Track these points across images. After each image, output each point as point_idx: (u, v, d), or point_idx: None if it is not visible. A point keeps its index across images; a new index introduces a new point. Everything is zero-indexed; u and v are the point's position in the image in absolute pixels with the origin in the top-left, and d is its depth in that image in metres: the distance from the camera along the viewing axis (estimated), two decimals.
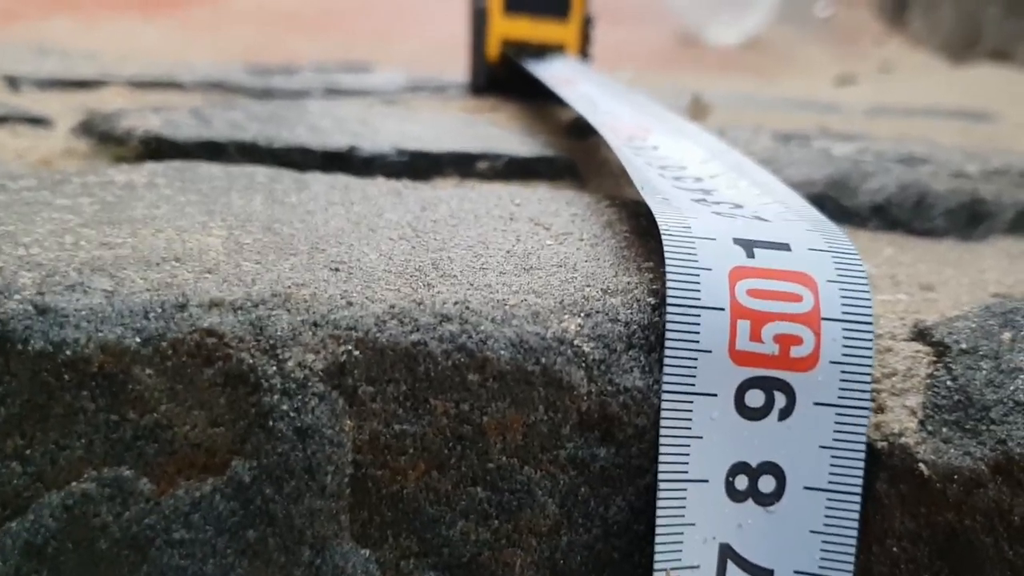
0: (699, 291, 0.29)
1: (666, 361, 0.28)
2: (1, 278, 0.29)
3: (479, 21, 0.76)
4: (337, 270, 0.31)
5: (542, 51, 0.75)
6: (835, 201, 0.51)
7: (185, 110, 0.61)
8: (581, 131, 0.61)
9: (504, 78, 0.76)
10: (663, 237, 0.30)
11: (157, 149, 0.52)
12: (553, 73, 0.67)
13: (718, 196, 0.36)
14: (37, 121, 0.60)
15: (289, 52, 1.15)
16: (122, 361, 0.28)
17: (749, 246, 0.30)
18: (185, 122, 0.56)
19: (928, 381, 0.31)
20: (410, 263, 0.32)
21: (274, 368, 0.28)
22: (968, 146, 0.67)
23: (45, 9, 1.53)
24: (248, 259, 0.31)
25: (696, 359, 0.28)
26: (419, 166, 0.52)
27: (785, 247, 0.30)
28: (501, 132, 0.60)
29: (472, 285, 0.31)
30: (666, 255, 0.29)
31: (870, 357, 0.28)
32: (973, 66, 1.46)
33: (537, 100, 0.72)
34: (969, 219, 0.51)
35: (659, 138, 0.47)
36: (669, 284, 0.28)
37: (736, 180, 0.39)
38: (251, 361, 0.28)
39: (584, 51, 0.76)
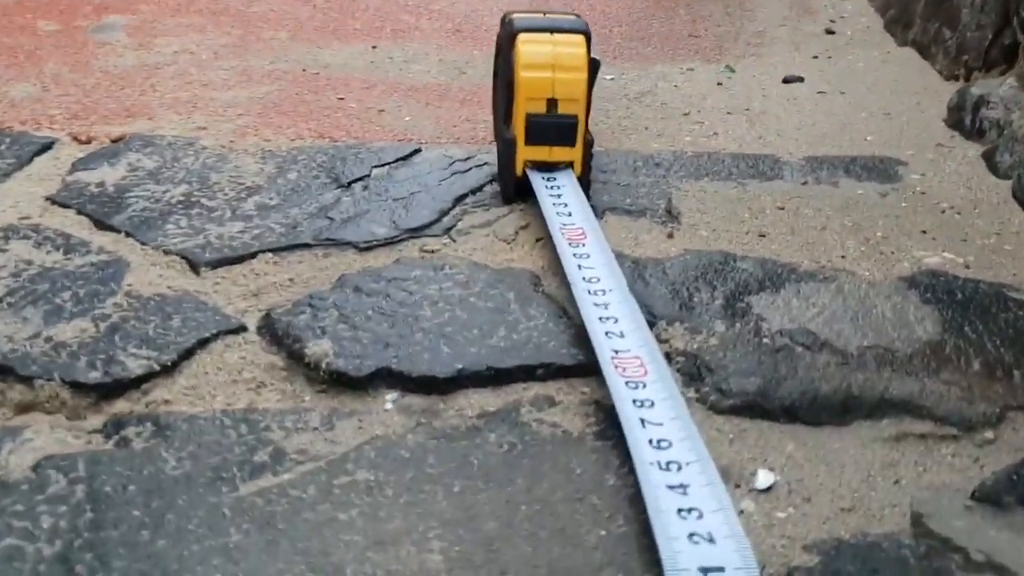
0: None
1: None
2: None
3: (508, 149, 1.09)
4: None
5: (555, 166, 1.09)
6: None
7: (336, 318, 0.88)
8: None
9: (526, 186, 1.10)
10: None
11: (338, 380, 0.82)
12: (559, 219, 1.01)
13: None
14: (237, 331, 0.86)
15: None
16: None
17: None
18: (351, 349, 0.84)
19: None
20: None
21: None
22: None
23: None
24: None
25: None
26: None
27: None
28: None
29: None
30: None
31: None
32: (902, 51, 1.72)
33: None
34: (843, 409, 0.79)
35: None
36: None
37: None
38: None
39: (587, 166, 1.10)
